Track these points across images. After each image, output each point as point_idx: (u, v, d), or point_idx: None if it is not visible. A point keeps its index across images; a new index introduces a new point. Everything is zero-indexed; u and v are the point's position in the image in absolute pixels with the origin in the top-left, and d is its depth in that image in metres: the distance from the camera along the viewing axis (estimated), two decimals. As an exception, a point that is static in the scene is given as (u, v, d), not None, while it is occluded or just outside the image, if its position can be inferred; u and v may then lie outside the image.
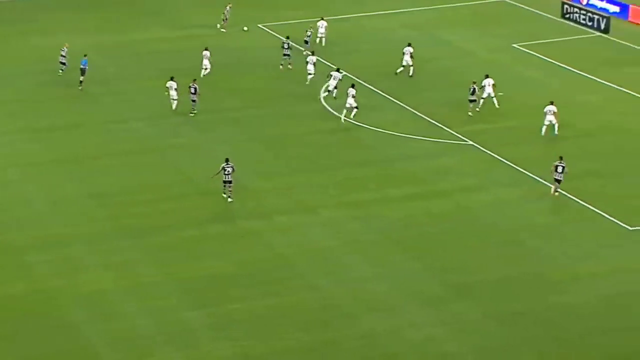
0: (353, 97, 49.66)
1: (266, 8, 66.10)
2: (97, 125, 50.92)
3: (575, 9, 65.31)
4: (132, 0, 72.03)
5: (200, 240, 39.38)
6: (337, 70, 53.00)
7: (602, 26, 62.91)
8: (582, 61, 57.71)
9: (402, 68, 55.41)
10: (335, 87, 52.05)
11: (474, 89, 50.28)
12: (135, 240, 39.36)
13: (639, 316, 33.88)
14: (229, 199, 42.20)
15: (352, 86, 50.19)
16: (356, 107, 49.64)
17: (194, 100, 51.04)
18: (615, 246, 38.38)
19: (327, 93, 52.23)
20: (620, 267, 36.84)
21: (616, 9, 65.32)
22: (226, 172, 42.01)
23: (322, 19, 60.95)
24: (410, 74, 55.32)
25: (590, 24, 63.73)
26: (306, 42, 59.01)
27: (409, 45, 55.66)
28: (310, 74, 54.42)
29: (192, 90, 50.96)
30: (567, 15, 65.62)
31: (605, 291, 35.25)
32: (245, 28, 60.76)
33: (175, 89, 51.41)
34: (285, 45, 57.32)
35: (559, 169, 42.10)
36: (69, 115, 52.28)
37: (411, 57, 54.96)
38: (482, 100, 50.61)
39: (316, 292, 35.78)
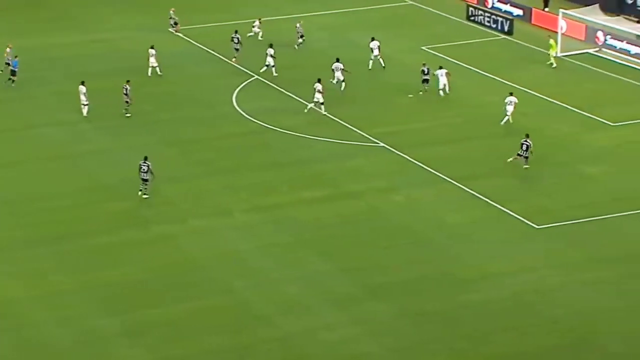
0: (319, 92, 50.61)
1: (181, 12, 65.82)
2: (7, 131, 50.25)
3: (480, 12, 66.60)
4: (41, 4, 71.17)
5: (113, 246, 39.21)
6: (337, 60, 54.07)
7: (506, 28, 64.30)
8: (488, 62, 58.89)
9: (371, 61, 56.87)
10: (344, 81, 53.43)
11: (428, 69, 52.93)
12: (46, 248, 39.02)
13: (545, 313, 34.82)
14: (144, 196, 42.28)
15: (319, 81, 51.01)
16: (322, 103, 50.65)
17: (127, 102, 50.93)
18: (523, 244, 39.32)
19: (342, 85, 53.64)
20: (527, 265, 37.77)
21: (519, 12, 66.85)
22: (142, 170, 42.09)
23: (259, 20, 62.71)
24: (383, 65, 56.92)
25: (494, 26, 65.06)
26: (302, 36, 60.75)
27: (374, 39, 57.09)
28: (268, 65, 55.84)
29: (125, 92, 50.83)
30: (472, 18, 66.86)
31: (512, 289, 36.13)
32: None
33: (85, 94, 51.09)
34: (235, 40, 58.35)
35: (524, 147, 44.20)
36: (-23, 121, 51.56)
37: (379, 50, 56.62)
38: (441, 92, 52.79)
39: (230, 296, 35.98)
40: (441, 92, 53.02)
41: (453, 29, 65.68)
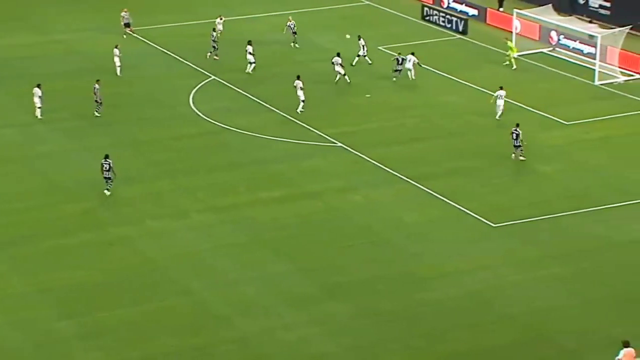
0: (301, 88, 51.10)
1: (136, 13, 65.52)
2: (-41, 133, 49.84)
3: (435, 12, 66.98)
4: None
5: (69, 249, 38.95)
6: (338, 54, 55.24)
7: (460, 28, 64.74)
8: (443, 62, 59.26)
9: (357, 58, 57.85)
10: (345, 74, 54.83)
11: (402, 59, 55.05)
12: (1, 251, 38.65)
13: (501, 310, 35.12)
14: (107, 192, 42.36)
15: (298, 77, 51.45)
16: (303, 100, 50.94)
17: (96, 101, 50.68)
18: (480, 243, 39.57)
19: (338, 77, 55.14)
20: (484, 263, 38.07)
21: (474, 12, 67.36)
22: (104, 169, 42.04)
23: (220, 17, 62.83)
24: (361, 62, 58.07)
25: (449, 26, 65.48)
26: (294, 33, 61.45)
27: (360, 37, 58.13)
28: (250, 62, 56.48)
29: (94, 91, 50.57)
30: (427, 18, 67.24)
31: (470, 287, 36.40)
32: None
33: (40, 97, 50.69)
34: (213, 36, 58.84)
35: (514, 136, 45.30)
36: None
37: (364, 47, 58.05)
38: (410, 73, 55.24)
39: (188, 297, 35.90)
40: (410, 77, 55.18)
41: (409, 29, 66.03)
